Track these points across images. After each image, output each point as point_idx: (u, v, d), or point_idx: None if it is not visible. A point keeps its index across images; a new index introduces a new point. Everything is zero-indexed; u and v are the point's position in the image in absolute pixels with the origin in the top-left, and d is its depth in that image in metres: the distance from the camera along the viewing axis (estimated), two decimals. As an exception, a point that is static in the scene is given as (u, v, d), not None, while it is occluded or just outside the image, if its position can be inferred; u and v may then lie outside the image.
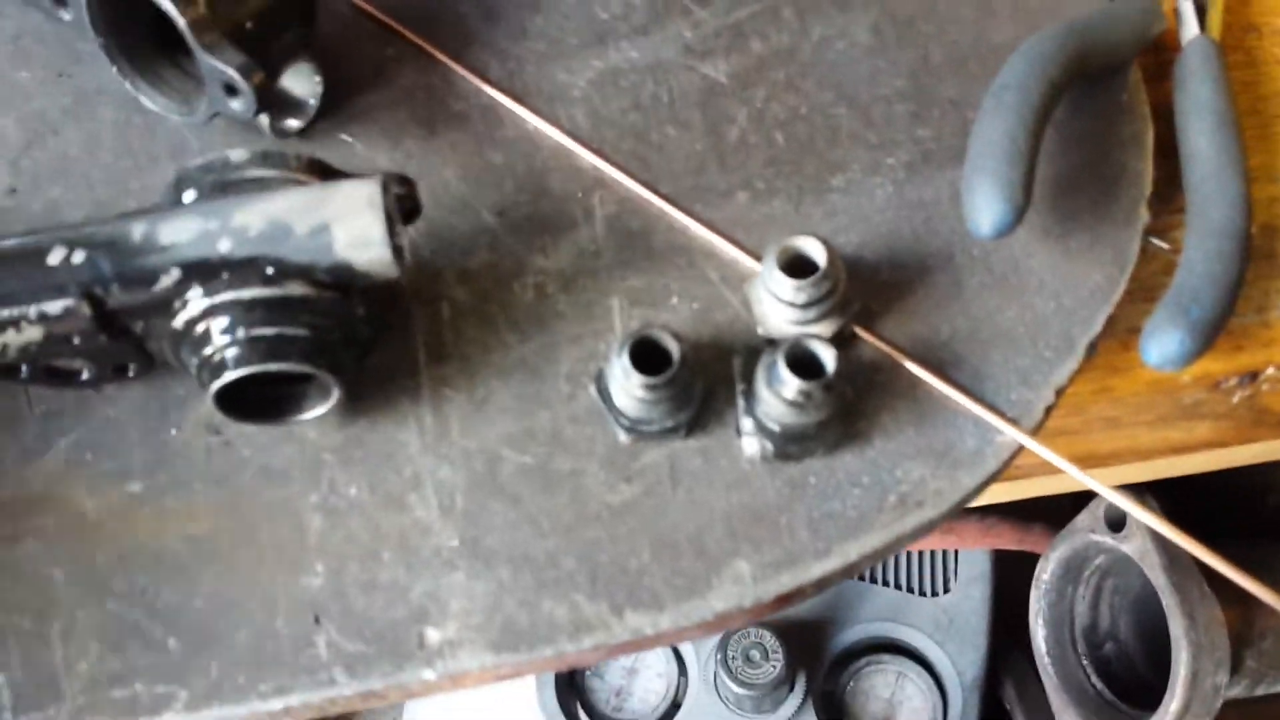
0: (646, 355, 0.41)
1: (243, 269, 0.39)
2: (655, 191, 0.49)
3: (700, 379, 0.43)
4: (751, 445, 0.42)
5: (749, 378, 0.42)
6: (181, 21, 0.44)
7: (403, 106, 0.52)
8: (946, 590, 0.94)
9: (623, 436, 0.43)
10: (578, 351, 0.46)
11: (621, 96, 0.52)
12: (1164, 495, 0.70)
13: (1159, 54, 0.54)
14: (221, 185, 0.41)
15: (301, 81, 0.50)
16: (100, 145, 0.51)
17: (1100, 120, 0.51)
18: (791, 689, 0.86)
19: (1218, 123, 0.50)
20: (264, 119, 0.49)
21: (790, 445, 0.41)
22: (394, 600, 0.41)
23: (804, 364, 0.40)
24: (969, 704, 0.92)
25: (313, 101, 0.50)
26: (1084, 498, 0.77)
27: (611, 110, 0.52)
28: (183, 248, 0.39)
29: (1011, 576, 0.92)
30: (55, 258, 0.39)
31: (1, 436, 0.44)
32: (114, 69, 0.49)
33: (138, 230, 0.39)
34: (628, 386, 0.41)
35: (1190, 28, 0.53)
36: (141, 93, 0.50)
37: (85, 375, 0.43)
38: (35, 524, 0.42)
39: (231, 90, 0.46)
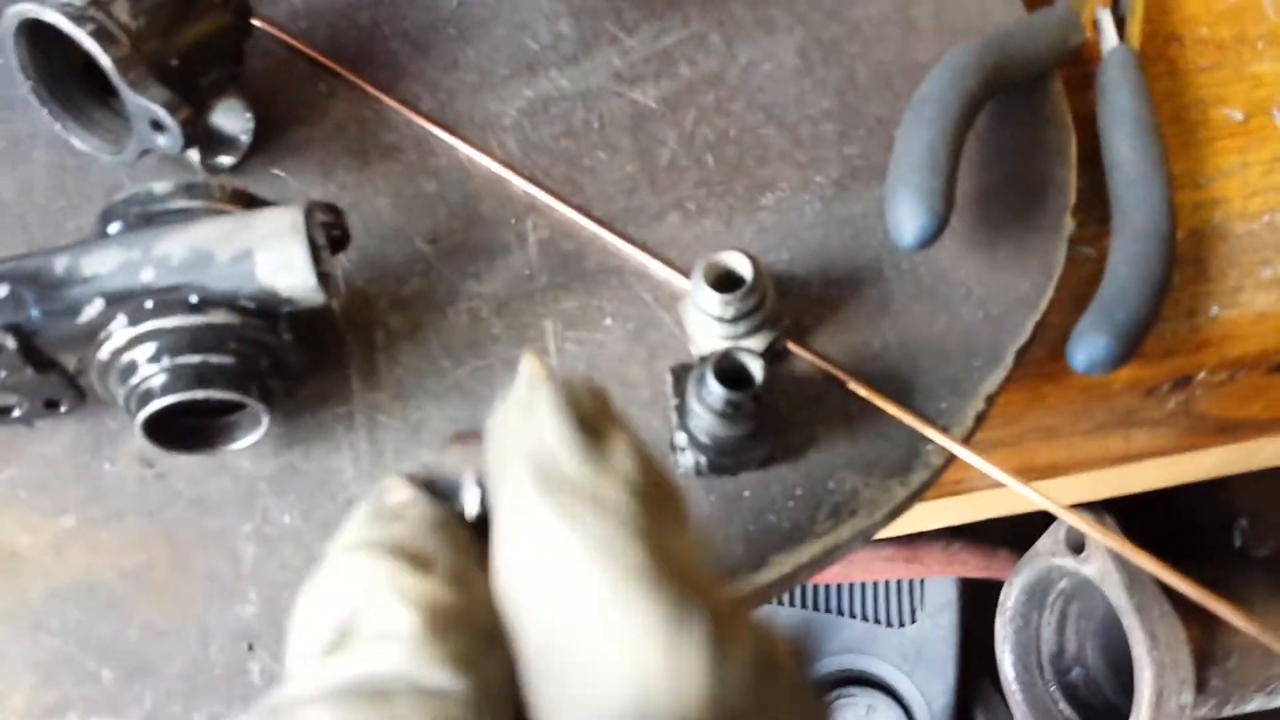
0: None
1: (166, 298, 0.39)
2: (587, 215, 0.50)
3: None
4: (686, 459, 0.42)
5: (681, 393, 0.42)
6: (106, 60, 0.44)
7: (335, 140, 0.52)
8: (914, 620, 0.94)
9: (556, 456, 0.43)
10: (512, 375, 0.46)
11: (553, 124, 0.53)
12: (1119, 519, 0.70)
13: (1081, 66, 0.55)
14: (146, 217, 0.41)
15: (232, 119, 0.50)
16: (34, 188, 0.51)
17: (1023, 131, 0.52)
18: (760, 720, 0.86)
19: (1139, 129, 0.51)
20: (195, 156, 0.49)
21: (724, 458, 0.42)
22: (328, 626, 0.41)
23: (733, 376, 0.40)
24: (941, 734, 0.92)
25: (244, 138, 0.50)
26: (1049, 522, 0.77)
27: (543, 137, 0.52)
28: (105, 278, 0.39)
29: (978, 604, 0.92)
30: (-29, 293, 0.39)
31: (-67, 477, 0.44)
32: (44, 112, 0.50)
33: (60, 263, 0.39)
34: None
35: (1110, 38, 0.54)
36: (72, 134, 0.50)
37: (16, 412, 0.43)
38: (-33, 563, 0.42)
39: (158, 126, 0.46)
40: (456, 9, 0.56)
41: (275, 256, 0.39)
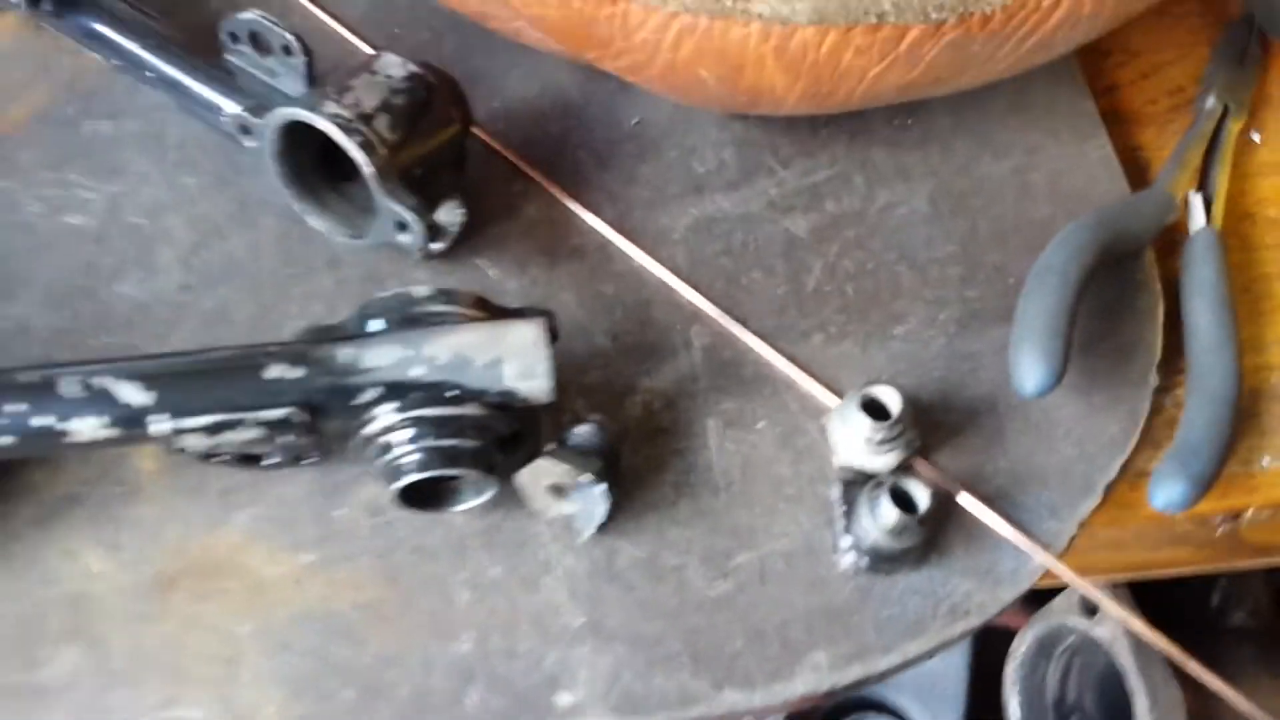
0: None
1: (430, 391, 0.47)
2: (745, 327, 0.58)
3: (786, 496, 0.52)
4: (848, 560, 0.50)
5: (849, 502, 0.51)
6: (369, 170, 0.52)
7: (529, 238, 0.60)
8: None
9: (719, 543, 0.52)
10: (680, 464, 0.54)
11: (715, 242, 0.61)
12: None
13: (1167, 234, 0.63)
14: (407, 318, 0.49)
15: (446, 211, 0.58)
16: (262, 252, 0.59)
17: (1119, 295, 0.60)
18: (785, 745, 0.95)
19: (1217, 303, 0.59)
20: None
21: (884, 564, 0.50)
22: (531, 667, 0.49)
23: (901, 497, 0.48)
24: (948, 764, 1.01)
25: (455, 229, 0.58)
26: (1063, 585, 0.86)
27: (706, 253, 0.60)
28: (383, 370, 0.47)
29: (987, 648, 1.02)
30: (273, 372, 0.46)
31: (189, 508, 0.51)
32: (272, 182, 0.57)
33: (344, 354, 0.47)
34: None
35: (1198, 218, 0.62)
36: (309, 215, 0.58)
37: (266, 462, 0.51)
38: (221, 586, 0.50)
39: (403, 227, 0.54)
40: (634, 127, 0.64)
41: (521, 365, 0.47)
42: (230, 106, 0.57)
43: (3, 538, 0.51)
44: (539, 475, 0.50)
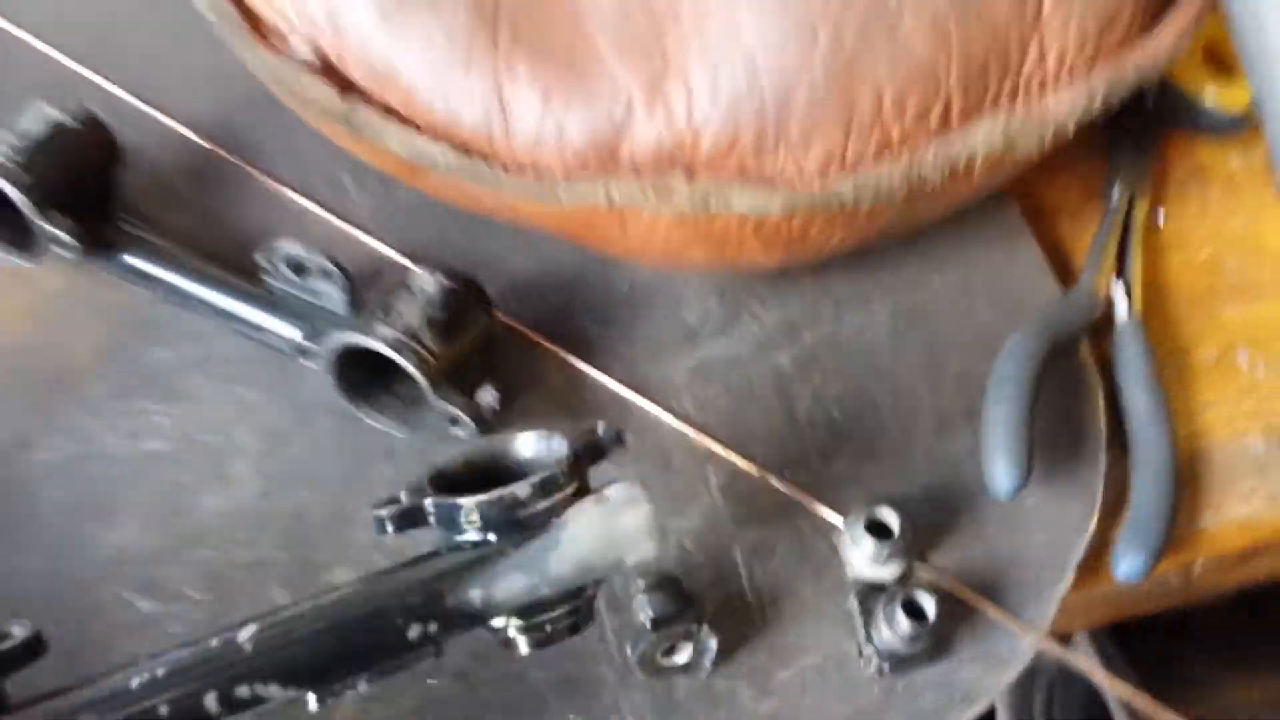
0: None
1: (558, 604, 0.52)
2: (752, 462, 0.66)
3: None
4: (873, 665, 0.59)
5: (866, 614, 0.60)
6: (423, 381, 0.60)
7: (552, 403, 0.68)
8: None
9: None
10: (715, 592, 0.63)
11: (714, 385, 0.69)
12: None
13: (1096, 321, 0.73)
14: (514, 522, 0.52)
15: (483, 394, 0.66)
16: (325, 451, 0.66)
17: (1062, 387, 0.70)
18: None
19: (1148, 385, 0.69)
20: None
21: (902, 665, 0.59)
22: (619, 803, 0.57)
23: (911, 607, 0.57)
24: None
25: (491, 410, 0.66)
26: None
27: (708, 396, 0.69)
28: (513, 601, 0.51)
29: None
30: (414, 633, 0.51)
31: None
32: (345, 398, 0.65)
33: (477, 597, 0.51)
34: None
35: (1122, 308, 0.72)
36: (366, 416, 0.65)
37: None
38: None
39: (454, 422, 0.62)
40: (628, 291, 0.73)
41: (638, 554, 0.52)
42: (281, 329, 0.65)
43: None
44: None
